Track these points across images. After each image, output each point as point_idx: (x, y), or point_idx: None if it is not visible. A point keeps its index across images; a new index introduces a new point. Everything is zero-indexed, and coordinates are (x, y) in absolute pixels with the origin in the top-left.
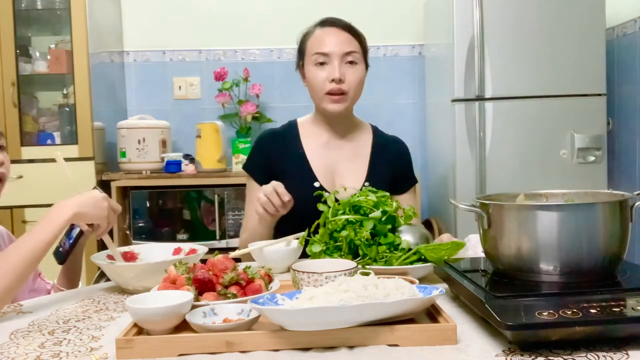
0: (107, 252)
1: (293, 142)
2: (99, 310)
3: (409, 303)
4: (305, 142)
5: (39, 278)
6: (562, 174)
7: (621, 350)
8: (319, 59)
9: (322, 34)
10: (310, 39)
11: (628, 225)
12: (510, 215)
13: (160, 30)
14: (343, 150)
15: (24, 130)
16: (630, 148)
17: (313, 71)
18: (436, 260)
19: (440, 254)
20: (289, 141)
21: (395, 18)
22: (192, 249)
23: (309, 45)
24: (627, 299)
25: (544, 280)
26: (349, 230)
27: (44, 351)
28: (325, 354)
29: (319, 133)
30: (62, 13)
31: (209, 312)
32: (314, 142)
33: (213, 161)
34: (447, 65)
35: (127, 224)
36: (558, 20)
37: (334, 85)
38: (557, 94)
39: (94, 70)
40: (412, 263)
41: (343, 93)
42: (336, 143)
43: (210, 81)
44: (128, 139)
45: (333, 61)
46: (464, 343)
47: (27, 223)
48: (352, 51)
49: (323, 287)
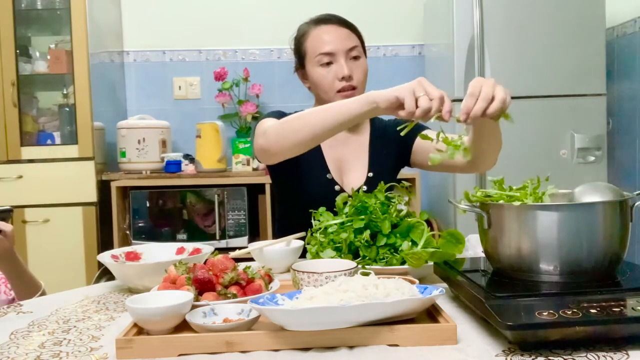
0: (112, 252)
1: None
2: (99, 310)
3: (409, 303)
4: None
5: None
6: (562, 174)
7: (621, 350)
8: (324, 60)
9: (320, 33)
10: (309, 40)
11: (628, 225)
12: (510, 215)
13: (160, 30)
14: (347, 144)
15: (24, 130)
16: (630, 148)
17: (319, 72)
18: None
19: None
20: None
21: (395, 18)
22: (195, 248)
23: (309, 47)
24: (627, 299)
25: (544, 280)
26: (348, 232)
27: (44, 351)
28: (325, 354)
29: None
30: (62, 13)
31: (209, 312)
32: None
33: (213, 161)
34: (447, 65)
35: (127, 224)
36: (558, 20)
37: (344, 82)
38: (557, 94)
39: (94, 70)
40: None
41: (354, 88)
42: (342, 137)
43: (210, 81)
44: (128, 139)
45: (339, 59)
46: (464, 343)
47: (27, 223)
48: (354, 46)
49: (323, 287)
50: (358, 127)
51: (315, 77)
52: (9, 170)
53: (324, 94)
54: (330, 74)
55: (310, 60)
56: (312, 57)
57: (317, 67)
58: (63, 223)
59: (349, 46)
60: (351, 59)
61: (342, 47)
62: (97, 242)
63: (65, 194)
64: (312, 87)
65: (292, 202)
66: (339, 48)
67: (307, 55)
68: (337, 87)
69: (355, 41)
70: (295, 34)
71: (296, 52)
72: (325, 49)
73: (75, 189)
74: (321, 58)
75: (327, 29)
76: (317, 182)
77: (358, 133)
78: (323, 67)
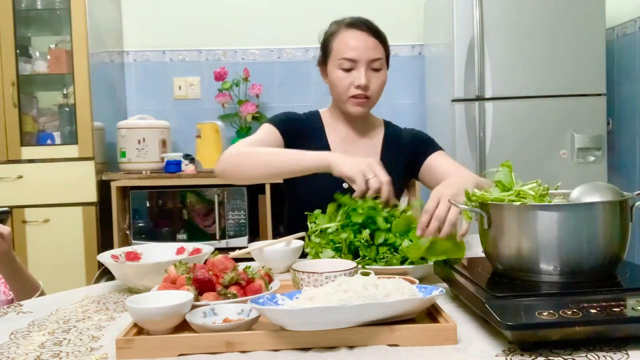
0: (112, 252)
1: (318, 132)
2: (99, 310)
3: (409, 303)
4: (328, 134)
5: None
6: (562, 174)
7: (621, 350)
8: (345, 65)
9: (348, 37)
10: (337, 40)
11: (628, 225)
12: (510, 215)
13: (160, 30)
14: (357, 146)
15: (24, 130)
16: (630, 148)
17: (338, 74)
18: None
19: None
20: (314, 129)
21: (395, 18)
22: (195, 248)
23: (335, 47)
24: (627, 299)
25: (544, 280)
26: (348, 232)
27: (44, 351)
28: (325, 354)
29: (338, 127)
30: (62, 13)
31: (209, 312)
32: (334, 135)
33: (213, 161)
34: (447, 65)
35: (127, 224)
36: (558, 20)
37: (359, 91)
38: (557, 94)
39: (94, 70)
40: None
41: (367, 97)
42: (353, 139)
43: (210, 81)
44: (128, 139)
45: (359, 68)
46: (464, 343)
47: (27, 223)
48: (378, 58)
49: (323, 287)
50: (369, 130)
51: (334, 78)
52: (9, 170)
53: (338, 96)
54: (348, 79)
55: (333, 60)
56: (335, 58)
57: (337, 70)
58: (63, 223)
59: (372, 57)
60: (372, 69)
61: (366, 57)
62: (97, 242)
63: (65, 194)
64: (330, 85)
65: (300, 199)
66: (362, 57)
67: (332, 54)
68: (351, 94)
69: (381, 53)
70: (326, 29)
71: (322, 47)
72: (348, 55)
73: (75, 189)
74: (343, 62)
75: (356, 35)
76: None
77: (369, 136)
78: (343, 71)
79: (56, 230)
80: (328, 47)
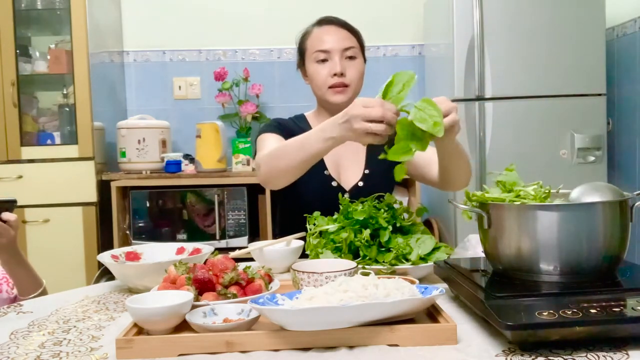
0: (112, 252)
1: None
2: (99, 310)
3: (409, 303)
4: None
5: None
6: (562, 174)
7: (621, 350)
8: (320, 56)
9: (320, 33)
10: (310, 38)
11: (628, 225)
12: (510, 215)
13: (160, 30)
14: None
15: (24, 130)
16: (630, 148)
17: (315, 68)
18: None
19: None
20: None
21: (395, 18)
22: (195, 248)
23: (309, 44)
24: (627, 299)
25: (544, 280)
26: (348, 232)
27: (44, 351)
28: (325, 354)
29: None
30: (62, 13)
31: (209, 312)
32: None
33: (213, 161)
34: (447, 65)
35: (127, 224)
36: (558, 20)
37: (336, 79)
38: (557, 94)
39: (94, 70)
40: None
41: (345, 85)
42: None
43: (210, 81)
44: (128, 139)
45: (334, 57)
46: (464, 343)
47: (27, 223)
48: (350, 46)
49: (323, 287)
50: None
51: (312, 72)
52: (9, 170)
53: (317, 90)
54: (325, 70)
55: (309, 56)
56: (310, 54)
57: (313, 63)
58: (63, 223)
59: (345, 46)
60: (346, 58)
61: (338, 46)
62: (97, 242)
63: (65, 194)
64: (310, 83)
65: (290, 198)
66: (335, 47)
67: (307, 52)
68: (329, 83)
69: (353, 43)
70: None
71: (299, 49)
72: (322, 47)
73: (75, 189)
74: (318, 55)
75: (328, 29)
76: (314, 178)
77: None
78: (319, 63)
79: (56, 230)
80: (303, 47)
